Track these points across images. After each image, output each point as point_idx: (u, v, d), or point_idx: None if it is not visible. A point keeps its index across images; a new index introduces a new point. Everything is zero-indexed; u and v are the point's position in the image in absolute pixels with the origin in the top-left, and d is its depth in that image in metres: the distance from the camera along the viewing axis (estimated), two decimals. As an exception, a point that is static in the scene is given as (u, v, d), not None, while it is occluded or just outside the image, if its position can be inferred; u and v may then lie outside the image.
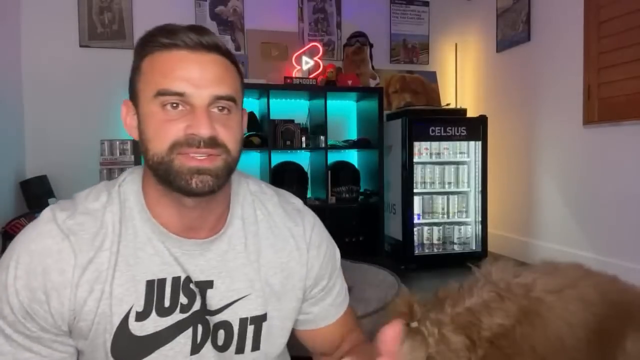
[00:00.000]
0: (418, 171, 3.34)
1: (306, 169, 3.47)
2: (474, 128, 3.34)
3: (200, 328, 0.69)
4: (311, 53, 3.49)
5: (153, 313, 0.66)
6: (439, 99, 3.92)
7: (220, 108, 0.66)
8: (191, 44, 0.64)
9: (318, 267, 0.81)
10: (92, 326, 0.64)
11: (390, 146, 3.47)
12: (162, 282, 0.67)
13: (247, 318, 0.73)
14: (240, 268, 0.73)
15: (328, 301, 0.84)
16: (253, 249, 0.74)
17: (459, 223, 3.46)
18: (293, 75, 3.38)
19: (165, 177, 0.64)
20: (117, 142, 3.13)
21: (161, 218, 0.69)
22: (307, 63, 3.44)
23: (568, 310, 1.07)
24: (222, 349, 0.72)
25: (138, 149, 2.93)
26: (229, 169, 0.68)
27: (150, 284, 0.67)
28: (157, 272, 0.67)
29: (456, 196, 3.45)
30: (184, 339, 0.68)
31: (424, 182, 3.38)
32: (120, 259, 0.65)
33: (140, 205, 0.69)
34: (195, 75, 0.63)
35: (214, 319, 0.71)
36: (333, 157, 3.53)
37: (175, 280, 0.68)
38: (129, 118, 0.69)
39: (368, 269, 2.47)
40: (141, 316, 0.66)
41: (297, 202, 0.85)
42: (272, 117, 3.26)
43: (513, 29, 3.47)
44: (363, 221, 3.54)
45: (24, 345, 0.63)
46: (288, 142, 3.27)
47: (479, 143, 3.35)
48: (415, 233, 3.31)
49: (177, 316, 0.68)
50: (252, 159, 3.47)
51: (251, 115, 3.42)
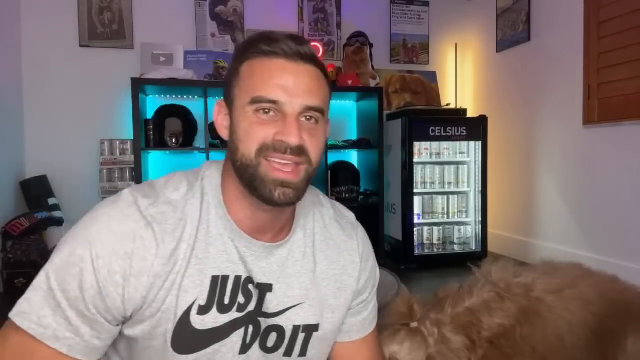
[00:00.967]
0: (418, 171, 3.34)
1: (306, 169, 3.47)
2: (474, 128, 3.34)
3: (250, 329, 0.71)
4: (311, 53, 3.49)
5: (214, 308, 0.68)
6: (439, 99, 3.92)
7: (308, 117, 0.68)
8: (290, 53, 0.66)
9: (364, 280, 0.84)
10: (158, 314, 0.65)
11: (390, 146, 3.47)
12: (225, 279, 0.69)
13: (300, 326, 0.75)
14: (296, 276, 0.75)
15: (364, 315, 0.86)
16: (310, 260, 0.77)
17: (459, 223, 3.46)
18: (293, 75, 3.38)
19: (250, 182, 0.67)
20: (117, 142, 3.13)
21: (236, 217, 0.71)
22: (307, 63, 3.44)
23: (568, 310, 1.07)
24: (270, 351, 0.74)
25: (138, 149, 2.94)
26: (309, 181, 0.71)
27: (215, 280, 0.68)
28: (223, 269, 0.69)
29: (456, 196, 3.45)
30: (237, 338, 0.70)
31: (424, 182, 3.38)
32: (194, 252, 0.67)
33: (217, 201, 0.71)
34: (290, 84, 0.65)
35: (268, 322, 0.73)
36: (333, 157, 3.53)
37: (237, 278, 0.70)
38: (221, 117, 0.73)
39: (368, 269, 2.47)
40: (203, 310, 0.67)
41: (350, 216, 0.89)
42: (272, 117, 3.26)
43: (513, 29, 3.47)
44: (363, 221, 3.48)
45: (74, 324, 0.61)
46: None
47: (479, 143, 3.35)
48: (415, 233, 3.31)
49: (234, 314, 0.70)
50: (252, 159, 3.47)
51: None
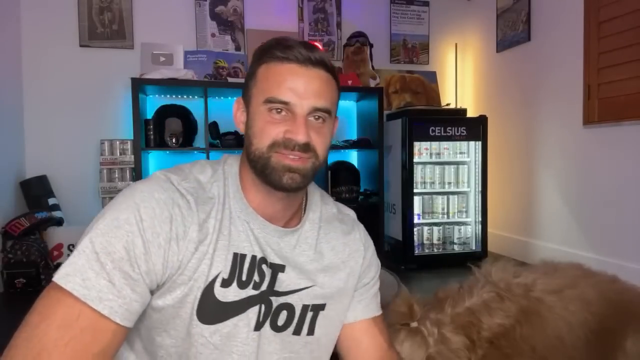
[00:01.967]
0: (418, 171, 3.34)
1: (306, 169, 3.47)
2: (474, 128, 3.34)
3: (263, 307, 0.77)
4: (311, 53, 3.49)
5: (234, 283, 0.74)
6: (439, 99, 3.92)
7: (316, 117, 0.76)
8: (301, 59, 0.74)
9: (367, 265, 0.94)
10: (190, 282, 0.70)
11: (390, 146, 3.47)
12: (243, 258, 0.75)
13: (309, 305, 0.81)
14: (305, 264, 0.82)
15: (368, 295, 0.94)
16: (316, 250, 0.85)
17: (459, 223, 3.46)
18: (293, 75, 3.38)
19: (262, 171, 0.75)
20: (117, 142, 3.13)
21: (252, 202, 0.79)
22: (307, 63, 3.44)
23: (568, 310, 1.07)
24: (281, 329, 0.79)
25: (138, 149, 2.94)
26: (315, 171, 0.78)
27: (235, 256, 0.75)
28: (242, 248, 0.76)
29: (456, 196, 3.45)
30: (252, 314, 0.76)
31: (424, 182, 3.38)
32: (221, 229, 0.74)
33: (236, 186, 0.79)
34: (300, 87, 0.73)
35: (279, 300, 0.79)
36: (333, 157, 3.53)
37: (253, 258, 0.76)
38: (239, 113, 0.81)
39: (368, 269, 2.47)
40: (226, 283, 0.73)
41: (352, 214, 0.98)
42: (272, 117, 3.26)
43: (513, 29, 3.47)
44: (363, 221, 3.49)
45: (117, 285, 0.63)
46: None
47: (479, 143, 3.35)
48: (415, 233, 3.31)
49: (250, 291, 0.75)
50: (252, 159, 3.47)
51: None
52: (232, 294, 0.73)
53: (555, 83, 3.07)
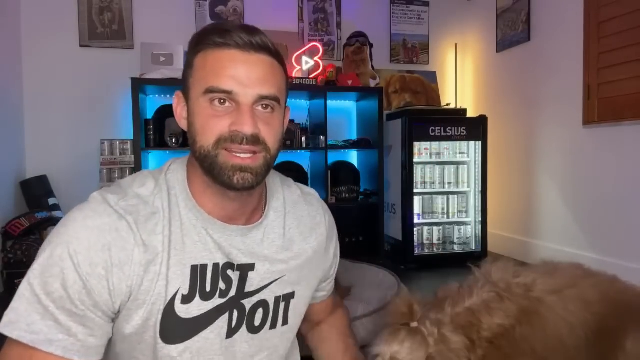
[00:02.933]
0: (418, 171, 3.34)
1: (306, 169, 3.48)
2: (474, 128, 3.34)
3: (235, 313, 0.74)
4: (311, 53, 3.49)
5: (197, 297, 0.70)
6: (439, 99, 3.92)
7: (264, 106, 0.70)
8: (241, 44, 0.67)
9: (334, 248, 0.93)
10: (145, 306, 0.66)
11: (390, 146, 3.47)
12: (204, 268, 0.71)
13: (281, 296, 0.80)
14: (275, 255, 0.79)
15: (332, 283, 0.99)
16: (285, 238, 0.82)
17: (459, 223, 3.46)
18: (293, 75, 3.38)
19: (210, 170, 0.69)
20: (117, 142, 3.13)
21: (206, 207, 0.73)
22: (307, 63, 3.44)
23: (568, 310, 1.07)
24: (257, 330, 0.78)
25: (138, 149, 2.94)
26: (268, 167, 0.72)
27: (194, 269, 0.70)
28: (200, 258, 0.71)
29: (456, 196, 3.45)
30: (222, 323, 0.73)
31: (424, 182, 3.38)
32: (172, 244, 0.69)
33: (185, 193, 0.73)
34: (242, 74, 0.66)
35: (253, 300, 0.76)
36: (333, 157, 3.53)
37: (215, 266, 0.72)
38: (180, 108, 0.74)
39: (368, 269, 2.46)
40: (187, 299, 0.69)
41: (314, 193, 0.96)
42: (272, 117, 3.26)
43: (513, 29, 3.47)
44: (363, 221, 3.54)
45: (64, 324, 0.61)
46: (288, 142, 3.27)
47: (479, 143, 3.35)
48: (415, 233, 3.31)
49: (217, 301, 0.72)
50: (252, 159, 3.47)
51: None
52: (196, 309, 0.70)
53: (555, 83, 3.07)
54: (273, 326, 0.79)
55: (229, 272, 0.73)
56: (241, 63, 0.67)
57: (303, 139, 3.33)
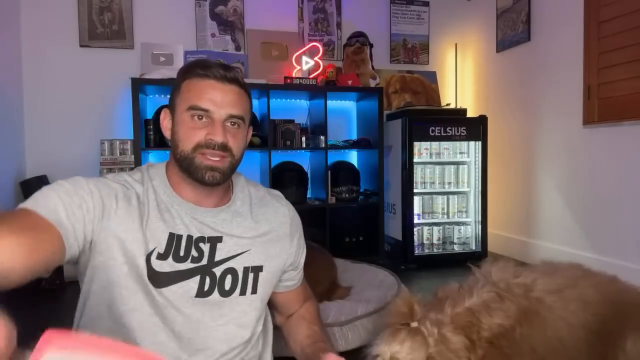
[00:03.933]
0: (418, 171, 3.34)
1: (306, 169, 3.47)
2: (474, 128, 3.34)
3: (207, 279, 0.91)
4: (311, 53, 3.49)
5: (170, 257, 0.89)
6: (439, 99, 3.92)
7: (232, 123, 0.92)
8: (219, 76, 0.90)
9: (298, 237, 1.08)
10: (136, 247, 0.85)
11: (390, 146, 3.47)
12: (180, 237, 0.91)
13: (249, 267, 0.96)
14: (242, 231, 0.97)
15: (302, 266, 1.13)
16: (252, 219, 1.00)
17: (459, 223, 3.46)
18: (293, 75, 3.38)
19: (187, 169, 0.91)
20: (117, 142, 3.12)
21: (181, 193, 0.94)
22: (307, 63, 3.44)
23: (568, 310, 1.07)
24: (228, 294, 0.93)
25: (138, 149, 2.94)
26: (233, 169, 0.95)
27: (171, 235, 0.90)
28: (177, 229, 0.91)
29: (456, 196, 3.45)
30: (192, 284, 0.90)
31: (424, 182, 3.38)
32: (152, 213, 0.90)
33: (164, 184, 0.95)
34: (218, 98, 0.89)
35: (222, 267, 0.93)
36: (333, 157, 3.53)
37: (189, 237, 0.91)
38: (166, 121, 0.97)
39: (368, 269, 2.46)
40: (161, 257, 0.88)
41: (279, 193, 1.13)
42: (272, 117, 3.26)
43: (513, 29, 3.47)
44: (363, 221, 3.54)
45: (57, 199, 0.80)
46: (288, 142, 3.27)
47: (479, 143, 3.35)
48: (415, 233, 3.31)
49: (189, 264, 0.90)
50: (252, 159, 3.47)
51: (251, 115, 3.41)
52: (168, 266, 0.88)
53: (555, 83, 3.07)
54: (243, 292, 0.95)
55: (201, 245, 0.92)
56: (217, 90, 0.90)
57: (303, 139, 3.33)
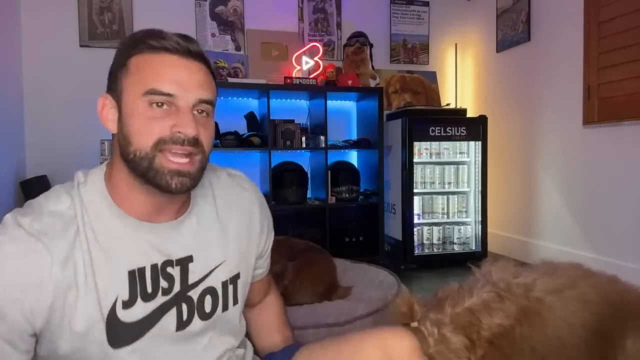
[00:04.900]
0: (418, 171, 3.34)
1: (306, 169, 3.47)
2: (474, 128, 3.34)
3: (184, 307, 0.75)
4: (311, 53, 3.49)
5: (139, 299, 0.71)
6: (439, 99, 3.92)
7: (200, 111, 0.72)
8: (181, 50, 0.70)
9: (267, 223, 0.93)
10: (84, 322, 0.66)
11: (390, 146, 3.47)
12: (142, 271, 0.71)
13: (227, 280, 0.82)
14: (213, 240, 0.80)
15: (268, 257, 0.99)
16: (219, 221, 0.83)
17: (459, 223, 3.46)
18: (293, 75, 3.38)
19: (144, 173, 0.69)
20: (117, 142, 3.12)
21: (132, 209, 0.72)
22: (307, 63, 3.44)
23: (568, 310, 1.07)
24: (210, 315, 0.79)
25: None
26: (203, 170, 0.75)
27: (131, 274, 0.70)
28: (136, 262, 0.71)
29: (456, 196, 3.45)
30: (169, 318, 0.74)
31: (424, 182, 3.38)
32: (95, 255, 0.68)
33: (108, 202, 0.72)
34: (183, 79, 0.69)
35: (199, 289, 0.77)
36: (333, 157, 3.53)
37: (153, 267, 0.72)
38: (106, 111, 0.73)
39: (368, 269, 2.46)
40: (128, 304, 0.70)
41: (240, 173, 0.94)
42: (272, 117, 3.26)
43: (513, 29, 3.47)
44: (363, 221, 3.54)
45: None
46: (288, 142, 3.27)
47: (479, 143, 3.35)
48: (415, 233, 3.31)
49: (161, 299, 0.73)
50: (252, 159, 3.47)
51: (251, 115, 3.41)
52: (140, 311, 0.71)
53: (555, 83, 3.07)
54: (225, 308, 0.81)
55: (169, 270, 0.74)
56: (182, 68, 0.69)
57: (303, 139, 3.33)
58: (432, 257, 3.35)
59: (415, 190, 3.29)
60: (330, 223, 3.29)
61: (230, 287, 0.82)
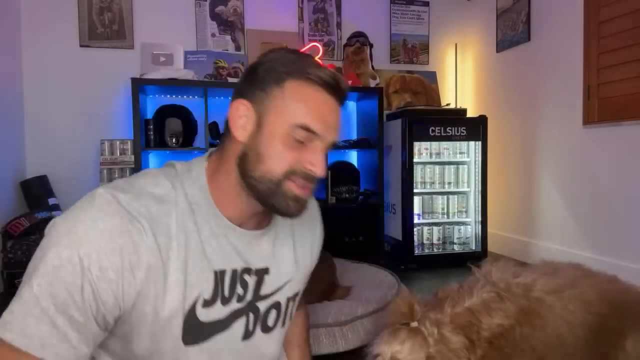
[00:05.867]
0: (418, 171, 3.34)
1: (306, 169, 3.47)
2: (474, 128, 3.34)
3: (251, 316, 0.77)
4: (311, 53, 3.50)
5: (218, 301, 0.72)
6: (439, 99, 3.92)
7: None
8: (332, 86, 0.71)
9: (319, 243, 0.96)
10: (163, 313, 0.66)
11: (390, 146, 3.47)
12: (223, 274, 0.73)
13: (291, 296, 0.85)
14: (287, 256, 0.83)
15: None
16: (294, 237, 0.86)
17: (459, 223, 3.46)
18: (293, 75, 3.38)
19: (267, 194, 0.71)
20: (117, 142, 3.13)
21: (227, 213, 0.74)
22: (307, 63, 3.44)
23: (568, 310, 1.07)
24: (270, 329, 0.81)
25: (138, 149, 2.93)
26: None
27: (215, 274, 0.72)
28: (220, 264, 0.72)
29: (456, 196, 3.45)
30: (238, 325, 0.75)
31: (424, 182, 3.38)
32: (191, 248, 0.68)
33: (208, 201, 0.72)
34: (329, 121, 0.71)
35: (267, 302, 0.80)
36: (333, 157, 3.53)
37: (233, 272, 0.74)
38: (244, 120, 0.72)
39: (368, 269, 2.46)
40: (208, 303, 0.71)
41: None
42: (272, 117, 3.26)
43: (513, 29, 3.47)
44: (363, 221, 3.54)
45: (61, 329, 0.59)
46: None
47: (479, 143, 3.35)
48: (415, 233, 3.31)
49: (235, 305, 0.74)
50: (252, 159, 3.47)
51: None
52: (216, 313, 0.72)
53: (555, 83, 3.07)
54: (283, 324, 0.84)
55: (246, 277, 0.75)
56: (331, 110, 0.72)
57: (303, 139, 3.32)
58: (432, 257, 3.35)
59: (415, 190, 3.29)
60: (330, 223, 3.27)
61: (291, 304, 0.85)
